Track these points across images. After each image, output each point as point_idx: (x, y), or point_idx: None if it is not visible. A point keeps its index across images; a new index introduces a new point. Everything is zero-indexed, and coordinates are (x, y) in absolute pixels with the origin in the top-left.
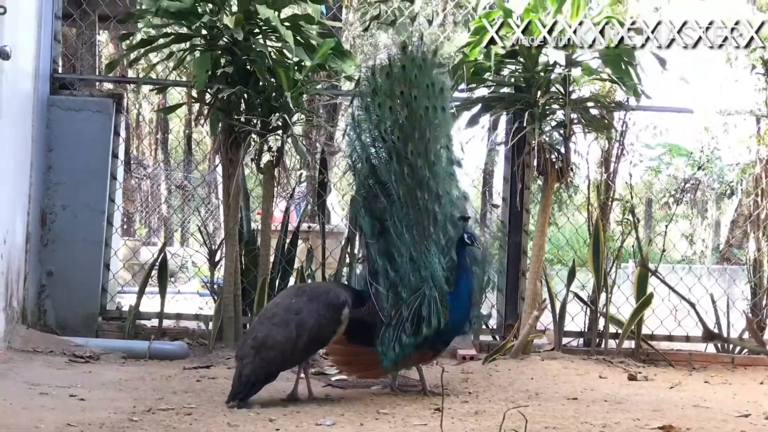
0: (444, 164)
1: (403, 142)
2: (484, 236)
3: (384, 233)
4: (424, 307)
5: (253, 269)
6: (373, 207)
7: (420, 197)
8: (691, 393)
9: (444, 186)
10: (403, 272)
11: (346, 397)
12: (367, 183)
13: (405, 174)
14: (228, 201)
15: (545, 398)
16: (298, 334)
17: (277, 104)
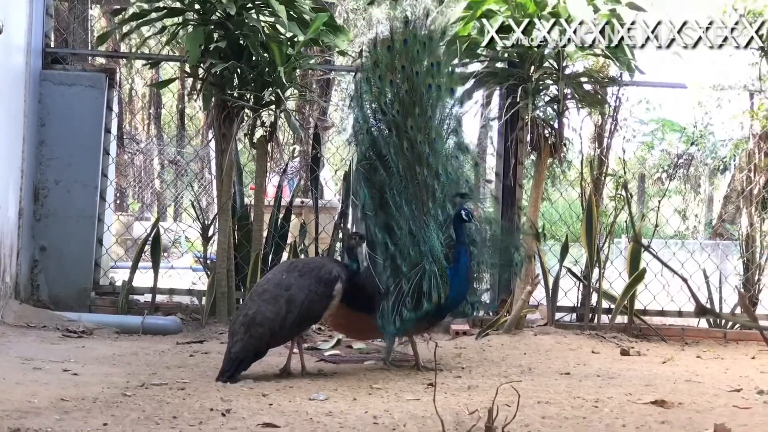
0: (447, 144)
1: (403, 116)
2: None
3: (383, 206)
4: (424, 282)
5: (246, 244)
6: (373, 179)
7: (419, 172)
8: (683, 368)
9: (445, 164)
10: (402, 245)
11: (339, 372)
12: (367, 154)
13: (404, 148)
14: (221, 176)
15: (538, 373)
16: (288, 310)
17: (270, 79)
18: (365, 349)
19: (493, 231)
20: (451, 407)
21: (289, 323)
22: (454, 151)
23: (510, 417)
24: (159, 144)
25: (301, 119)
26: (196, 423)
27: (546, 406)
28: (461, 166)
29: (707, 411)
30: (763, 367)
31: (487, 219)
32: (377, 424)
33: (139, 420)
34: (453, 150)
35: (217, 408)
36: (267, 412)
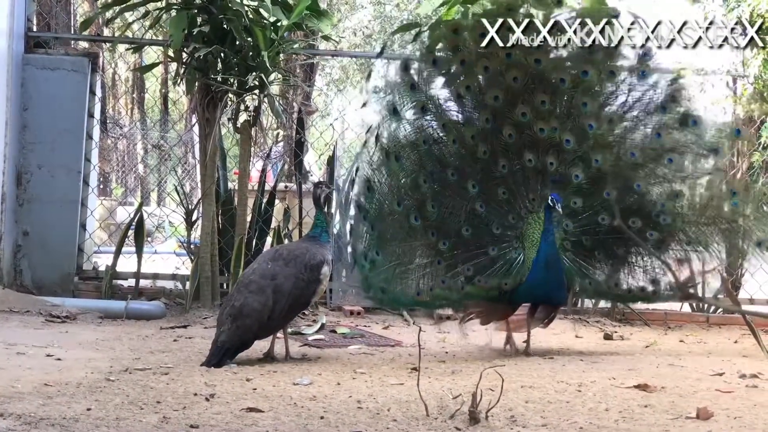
0: (620, 126)
1: (509, 103)
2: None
3: (417, 187)
4: (498, 264)
5: (230, 229)
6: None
7: (527, 158)
8: (666, 352)
9: (612, 146)
10: (448, 222)
11: (324, 356)
12: (418, 140)
13: (503, 134)
14: (205, 161)
15: (521, 358)
16: (275, 300)
17: (254, 64)
18: (349, 334)
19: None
20: (435, 391)
21: (278, 313)
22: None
23: (494, 401)
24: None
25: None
26: (180, 408)
27: (529, 390)
28: (667, 143)
29: (690, 395)
30: (746, 351)
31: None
32: (361, 409)
33: (122, 405)
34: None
35: (201, 393)
36: (251, 396)
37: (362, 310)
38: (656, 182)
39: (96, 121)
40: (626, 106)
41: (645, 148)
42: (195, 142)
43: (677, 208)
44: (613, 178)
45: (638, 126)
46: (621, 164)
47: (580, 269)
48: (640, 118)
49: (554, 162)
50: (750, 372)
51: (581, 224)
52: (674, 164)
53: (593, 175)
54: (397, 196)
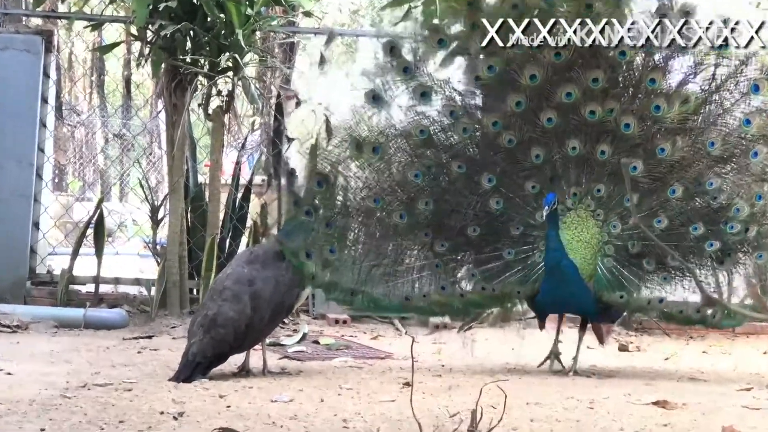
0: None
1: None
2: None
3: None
4: (529, 265)
5: (200, 228)
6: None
7: (572, 146)
8: (687, 365)
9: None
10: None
11: (305, 370)
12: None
13: (547, 120)
14: (172, 151)
15: (527, 371)
16: (254, 308)
17: (227, 43)
18: (334, 345)
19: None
20: (429, 409)
21: (257, 322)
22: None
23: (495, 420)
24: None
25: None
26: (145, 428)
27: (535, 408)
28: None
29: (713, 412)
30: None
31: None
32: (347, 428)
33: (80, 424)
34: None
35: (168, 411)
36: (224, 415)
37: (348, 319)
38: (735, 180)
39: (50, 107)
40: (710, 84)
41: (728, 137)
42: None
43: (755, 214)
44: (680, 172)
45: (723, 109)
46: (694, 155)
47: (617, 279)
48: (725, 98)
49: (607, 150)
50: None
51: (631, 227)
52: (760, 158)
53: (655, 168)
54: (374, 192)
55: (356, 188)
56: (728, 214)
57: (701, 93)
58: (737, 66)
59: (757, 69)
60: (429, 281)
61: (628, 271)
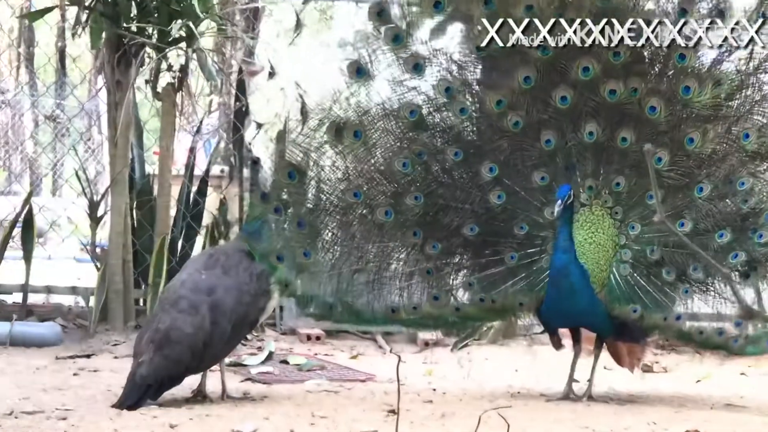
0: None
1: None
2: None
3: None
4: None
5: (148, 227)
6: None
7: (587, 130)
8: (722, 389)
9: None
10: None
11: (272, 395)
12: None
13: (561, 99)
14: (115, 137)
15: (534, 396)
16: (214, 321)
17: (179, 8)
18: (306, 365)
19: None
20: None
21: (217, 338)
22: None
23: None
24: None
25: (221, 61)
26: None
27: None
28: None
29: None
30: None
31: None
32: None
33: None
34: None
35: None
36: None
37: (323, 335)
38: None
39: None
40: (747, 64)
41: (766, 129)
42: (102, 112)
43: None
44: (710, 168)
45: (761, 95)
46: (727, 149)
47: (632, 290)
48: (764, 82)
49: (629, 137)
50: None
51: (653, 229)
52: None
53: (682, 161)
54: (354, 184)
55: (334, 180)
56: (759, 221)
57: (737, 74)
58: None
59: None
60: (419, 290)
61: (645, 281)
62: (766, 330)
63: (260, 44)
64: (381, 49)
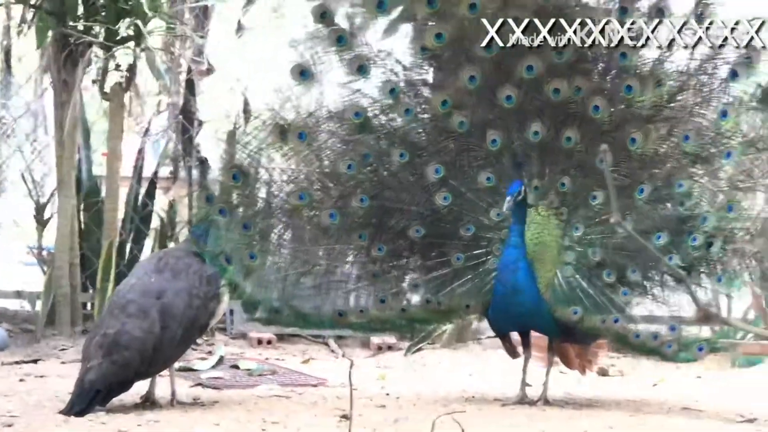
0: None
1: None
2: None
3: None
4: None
5: (95, 229)
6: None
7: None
8: (679, 392)
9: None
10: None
11: (222, 400)
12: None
13: (506, 98)
14: (62, 137)
15: (488, 400)
16: (164, 325)
17: (128, 7)
18: (257, 370)
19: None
20: None
21: (167, 343)
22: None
23: None
24: None
25: (169, 60)
26: None
27: None
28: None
29: None
30: None
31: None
32: None
33: None
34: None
35: None
36: None
37: (274, 339)
38: (707, 184)
39: None
40: (688, 65)
41: (704, 131)
42: (48, 112)
43: (722, 227)
44: (651, 169)
45: (701, 97)
46: (668, 150)
47: (574, 292)
48: (704, 84)
49: (573, 136)
50: None
51: (596, 231)
52: (732, 160)
53: (625, 162)
54: (300, 187)
55: (280, 182)
56: (694, 224)
57: (678, 75)
58: (716, 45)
59: (738, 51)
60: (366, 293)
61: (587, 283)
62: (697, 336)
63: (209, 43)
64: (325, 50)
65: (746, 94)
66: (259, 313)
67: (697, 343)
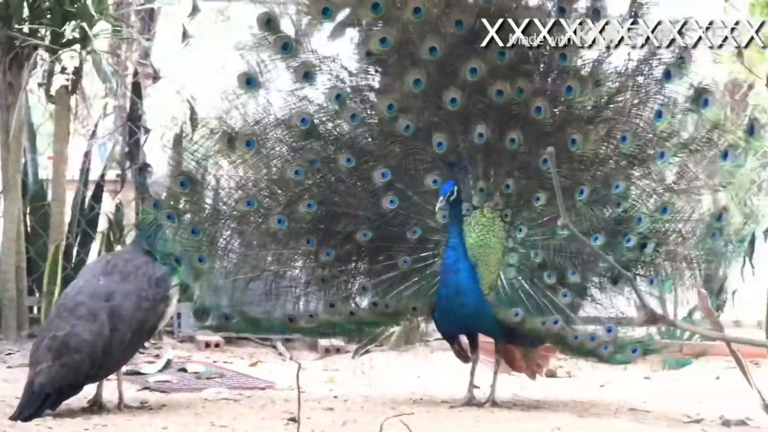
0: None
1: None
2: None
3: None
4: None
5: (42, 233)
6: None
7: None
8: (626, 393)
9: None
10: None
11: (170, 403)
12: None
13: (450, 101)
14: (7, 141)
15: (436, 402)
16: (113, 328)
17: (73, 9)
18: (205, 373)
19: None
20: None
21: (117, 345)
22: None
23: None
24: None
25: (116, 63)
26: None
27: None
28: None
29: None
30: (730, 389)
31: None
32: None
33: None
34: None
35: None
36: None
37: (222, 342)
38: (642, 186)
39: None
40: (627, 68)
41: (641, 132)
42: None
43: (658, 229)
44: (591, 171)
45: (638, 98)
46: (606, 151)
47: (517, 294)
48: (641, 85)
49: (517, 138)
50: (736, 417)
51: (538, 232)
52: (666, 161)
53: (566, 163)
54: (248, 193)
55: (228, 189)
56: (630, 226)
57: (617, 76)
58: (652, 45)
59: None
60: (316, 298)
61: (528, 285)
62: (632, 338)
63: (156, 46)
64: (271, 58)
65: (679, 95)
66: (210, 319)
67: (631, 345)
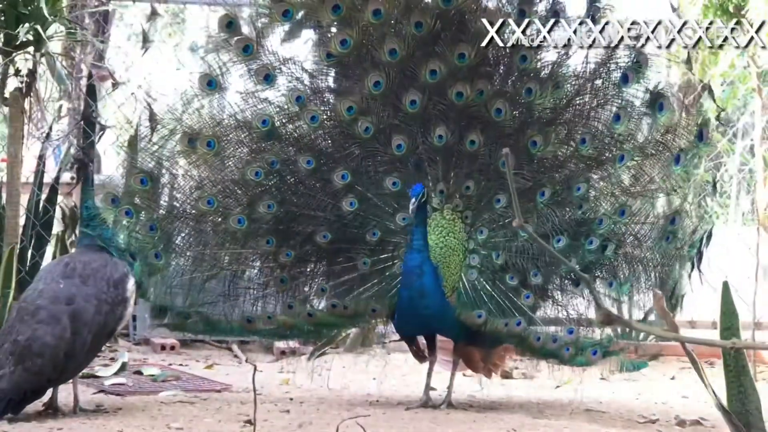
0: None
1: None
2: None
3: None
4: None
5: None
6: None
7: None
8: (583, 394)
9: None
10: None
11: (126, 406)
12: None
13: (410, 103)
14: None
15: (392, 404)
16: (75, 331)
17: (27, 12)
18: (161, 376)
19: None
20: None
21: (79, 348)
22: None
23: None
24: None
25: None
26: None
27: None
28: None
29: None
30: (685, 389)
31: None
32: None
33: None
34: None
35: None
36: None
37: (177, 344)
38: (602, 188)
39: None
40: (585, 70)
41: (600, 135)
42: None
43: (617, 231)
44: (552, 173)
45: (597, 101)
46: (567, 154)
47: (479, 295)
48: (599, 88)
49: (477, 140)
50: (691, 417)
51: (500, 234)
52: (625, 164)
53: (527, 165)
54: (208, 193)
55: (187, 188)
56: (591, 228)
57: (575, 79)
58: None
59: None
60: (274, 299)
61: (490, 287)
62: (592, 340)
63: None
64: (232, 60)
65: (636, 98)
66: (168, 318)
67: (591, 347)
